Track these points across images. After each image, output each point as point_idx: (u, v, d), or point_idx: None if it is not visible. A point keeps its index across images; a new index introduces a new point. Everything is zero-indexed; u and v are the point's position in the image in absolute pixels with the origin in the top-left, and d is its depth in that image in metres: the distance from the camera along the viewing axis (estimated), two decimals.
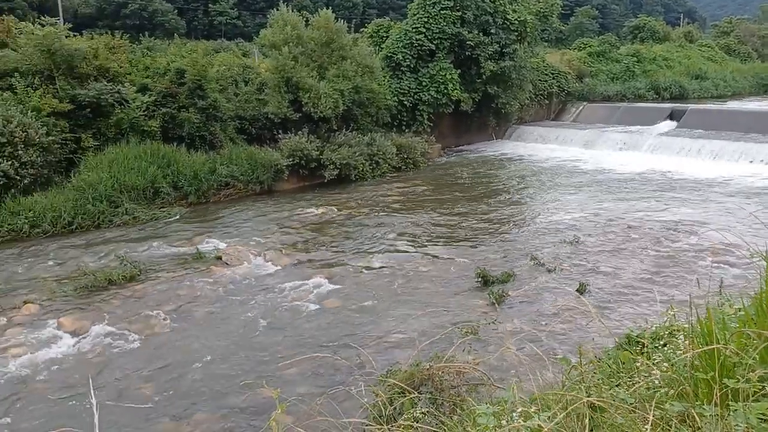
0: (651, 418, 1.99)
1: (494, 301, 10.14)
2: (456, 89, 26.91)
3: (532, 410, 2.24)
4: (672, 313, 3.87)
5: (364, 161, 21.49)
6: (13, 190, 15.38)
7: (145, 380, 7.98)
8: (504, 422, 2.10)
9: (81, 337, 9.26)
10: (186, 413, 7.12)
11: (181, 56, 21.45)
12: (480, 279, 11.12)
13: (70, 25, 18.84)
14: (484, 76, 27.30)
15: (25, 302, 10.51)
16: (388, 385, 5.03)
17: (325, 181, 20.55)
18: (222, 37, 51.72)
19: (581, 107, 34.15)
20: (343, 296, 10.86)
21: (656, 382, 2.60)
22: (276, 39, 22.61)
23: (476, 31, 26.87)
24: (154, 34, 37.81)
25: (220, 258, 12.90)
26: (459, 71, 27.22)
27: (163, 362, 8.48)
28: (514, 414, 2.22)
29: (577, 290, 10.55)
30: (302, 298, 10.80)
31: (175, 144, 18.96)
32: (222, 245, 13.85)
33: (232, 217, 16.80)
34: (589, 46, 40.77)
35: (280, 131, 21.04)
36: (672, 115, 29.24)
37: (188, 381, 7.93)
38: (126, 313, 10.13)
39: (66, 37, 18.34)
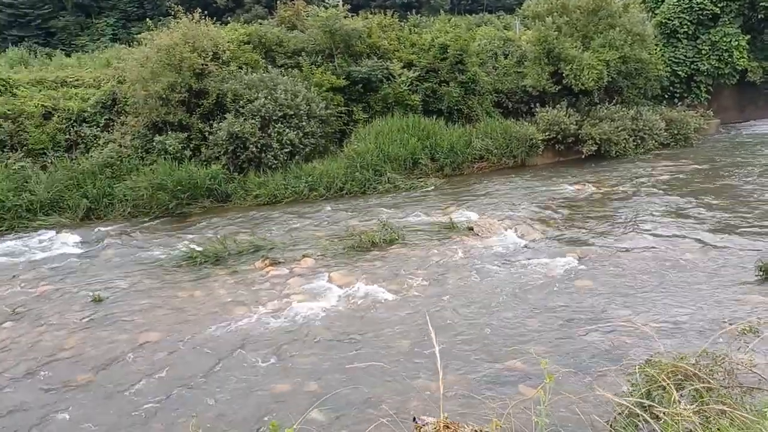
0: None
1: None
2: (743, 57, 23.74)
3: None
4: None
5: (627, 136, 20.13)
6: (296, 157, 17.48)
7: (401, 337, 8.57)
8: None
9: (347, 291, 10.25)
10: (436, 373, 7.49)
11: (444, 32, 22.11)
12: (762, 272, 9.76)
13: (349, 6, 20.58)
14: None
15: (304, 256, 11.95)
16: (647, 376, 4.74)
17: (583, 156, 19.73)
18: (483, 11, 52.03)
19: None
20: (596, 277, 10.39)
21: None
22: (540, 9, 22.10)
23: None
24: (420, 12, 39.46)
25: (471, 229, 13.20)
26: (748, 37, 23.85)
27: (416, 322, 9.00)
28: None
29: None
30: (552, 275, 10.59)
31: (434, 117, 19.78)
32: (474, 216, 14.15)
33: (485, 189, 17.03)
34: None
35: (537, 105, 20.64)
36: None
37: (438, 342, 8.31)
38: (385, 274, 10.96)
39: (344, 17, 20.09)
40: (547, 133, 19.62)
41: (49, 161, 16.48)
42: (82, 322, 9.55)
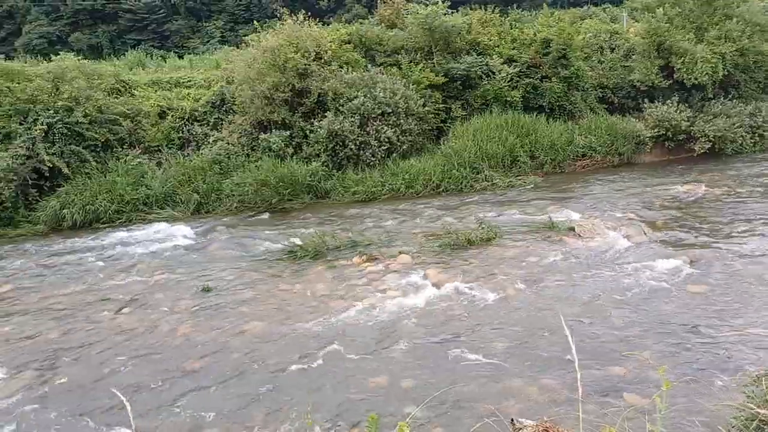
0: None
1: None
2: None
3: None
4: None
5: (744, 133, 18.85)
6: (394, 155, 17.63)
7: (497, 337, 8.44)
8: None
9: (443, 288, 10.21)
10: (533, 375, 7.33)
11: (547, 26, 21.55)
12: None
13: (449, 3, 20.47)
14: None
15: (400, 252, 12.02)
16: (762, 388, 4.43)
17: (695, 155, 18.65)
18: (589, 4, 50.27)
19: None
20: (710, 282, 9.78)
21: None
22: (650, 0, 21.07)
23: None
24: (521, 6, 38.70)
25: (572, 229, 12.79)
26: None
27: (512, 322, 8.85)
28: None
29: None
30: (660, 278, 10.07)
31: (534, 114, 19.33)
32: (575, 216, 13.71)
33: (587, 188, 16.47)
34: None
35: (646, 100, 19.72)
36: None
37: (537, 344, 8.13)
38: (482, 273, 10.83)
39: (444, 14, 20.01)
40: (656, 130, 18.72)
41: (164, 158, 17.53)
42: (192, 310, 10.11)
